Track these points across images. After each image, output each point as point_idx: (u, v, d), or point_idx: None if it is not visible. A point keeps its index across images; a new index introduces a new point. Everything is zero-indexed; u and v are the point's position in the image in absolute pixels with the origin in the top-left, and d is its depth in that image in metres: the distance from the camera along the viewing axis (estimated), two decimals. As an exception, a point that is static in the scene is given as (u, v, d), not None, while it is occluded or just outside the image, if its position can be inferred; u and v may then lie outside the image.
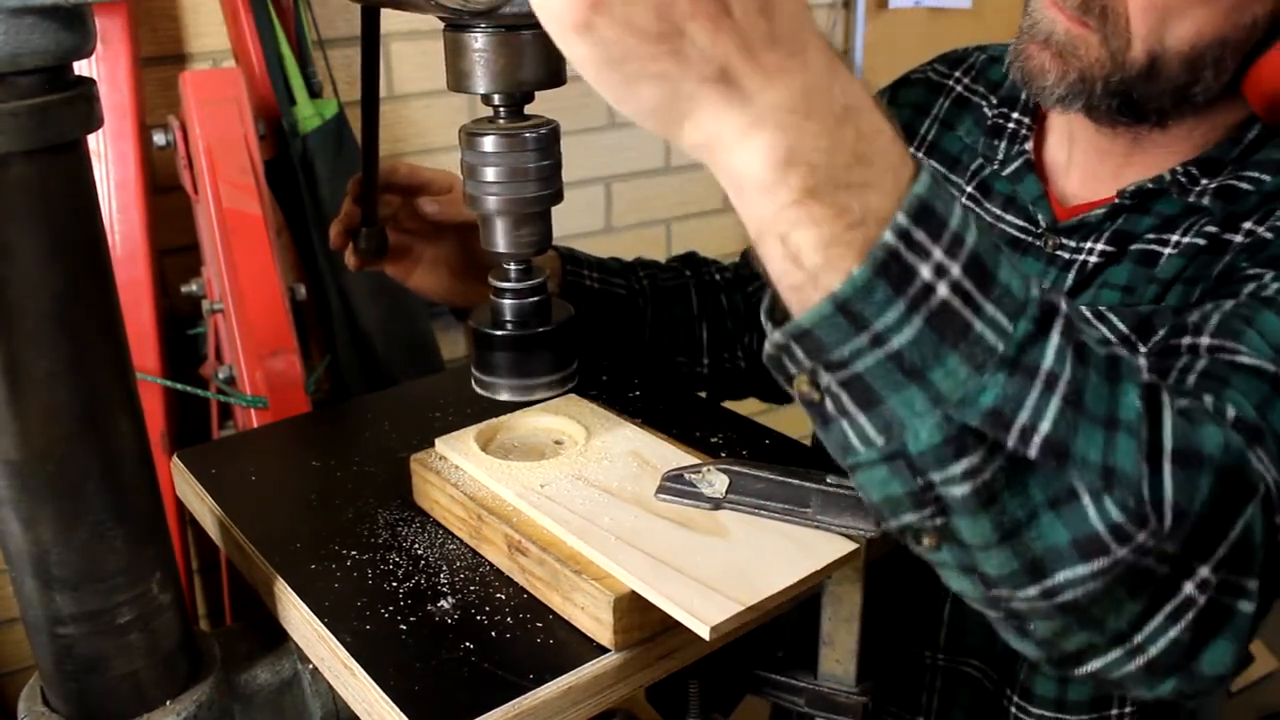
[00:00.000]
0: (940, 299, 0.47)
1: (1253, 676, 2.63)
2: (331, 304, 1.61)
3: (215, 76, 1.44)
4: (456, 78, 0.70)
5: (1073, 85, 0.82)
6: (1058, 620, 0.55)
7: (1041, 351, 0.49)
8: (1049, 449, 0.49)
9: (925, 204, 0.46)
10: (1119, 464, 0.51)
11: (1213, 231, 0.82)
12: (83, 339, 0.59)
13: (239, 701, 0.73)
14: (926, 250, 0.46)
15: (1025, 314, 0.49)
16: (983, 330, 0.48)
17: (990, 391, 0.48)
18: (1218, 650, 0.56)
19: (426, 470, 0.80)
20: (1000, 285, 0.48)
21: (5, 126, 0.52)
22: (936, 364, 0.47)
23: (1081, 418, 0.50)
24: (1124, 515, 0.51)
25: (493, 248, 0.76)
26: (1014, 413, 0.48)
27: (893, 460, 0.50)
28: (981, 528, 0.51)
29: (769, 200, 0.46)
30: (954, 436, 0.48)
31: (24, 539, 0.61)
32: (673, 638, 0.68)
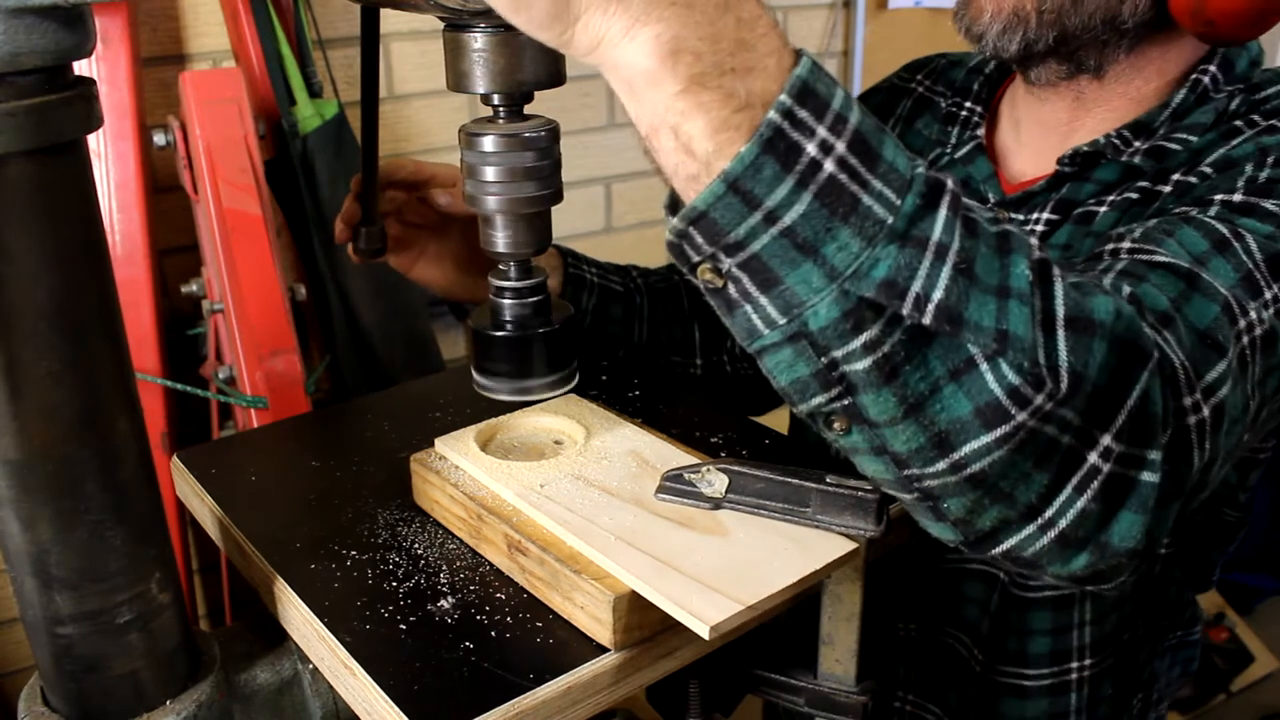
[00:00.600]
0: (828, 174, 0.49)
1: (1253, 677, 2.63)
2: (331, 304, 1.61)
3: (215, 76, 1.44)
4: (456, 78, 0.70)
5: (1009, 19, 0.86)
6: (969, 495, 0.56)
7: (931, 223, 0.51)
8: (943, 315, 0.51)
9: (807, 84, 0.48)
10: (1012, 328, 0.52)
11: (1144, 186, 0.86)
12: (83, 339, 0.59)
13: (239, 701, 0.73)
14: (810, 128, 0.48)
15: (912, 189, 0.50)
16: (871, 204, 0.49)
17: (883, 263, 0.50)
18: (1125, 522, 0.58)
19: (426, 470, 0.80)
20: (886, 162, 0.50)
21: (5, 126, 0.52)
22: (829, 238, 0.49)
23: (973, 286, 0.52)
24: (1020, 378, 0.52)
25: (492, 248, 0.76)
26: (907, 282, 0.50)
27: (795, 340, 0.51)
28: (886, 403, 0.53)
29: (658, 91, 0.48)
30: (851, 310, 0.50)
31: (24, 539, 0.61)
32: (673, 637, 0.68)
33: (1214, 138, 0.85)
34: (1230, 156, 0.81)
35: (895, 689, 1.06)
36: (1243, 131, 0.83)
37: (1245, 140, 0.82)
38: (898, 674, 1.05)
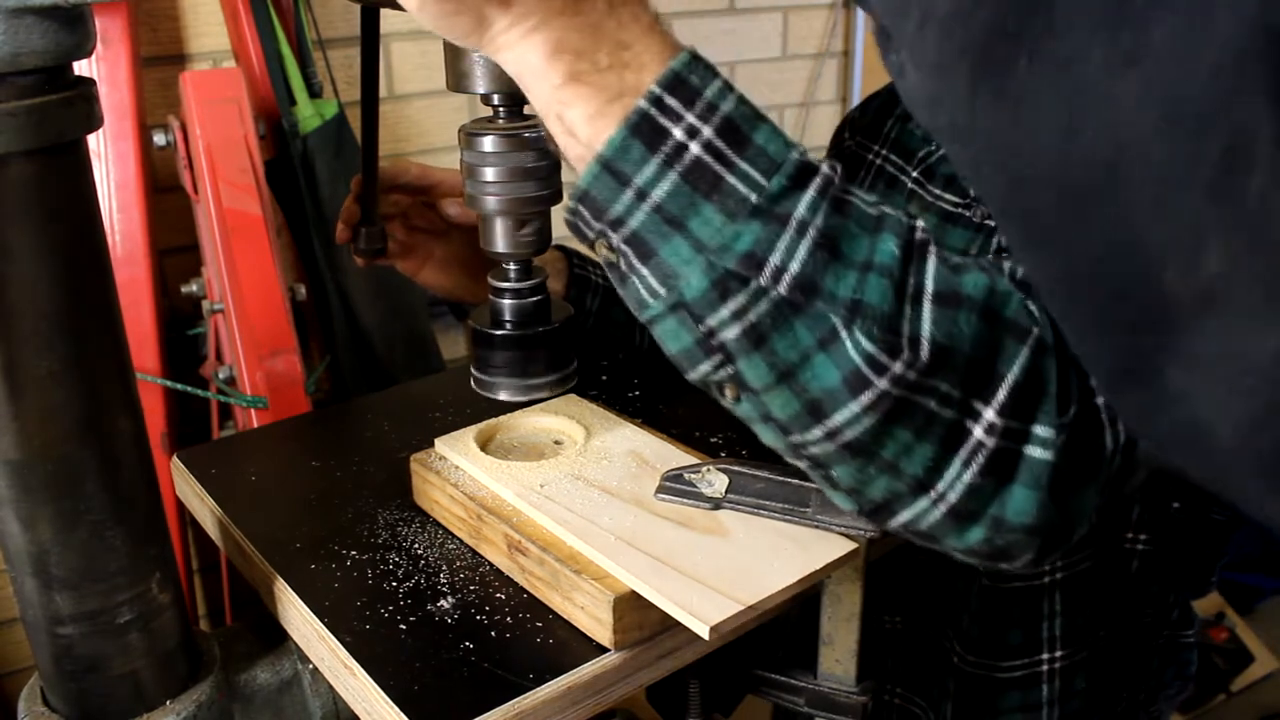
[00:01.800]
0: (693, 155, 0.54)
1: (1253, 677, 2.63)
2: (331, 304, 1.61)
3: (215, 76, 1.44)
4: (456, 78, 0.70)
5: None
6: (851, 463, 0.59)
7: (795, 202, 0.55)
8: (798, 286, 0.54)
9: (679, 75, 0.55)
10: (866, 298, 0.55)
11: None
12: (83, 339, 0.59)
13: (239, 701, 0.73)
14: (678, 114, 0.54)
15: (780, 171, 0.55)
16: (735, 183, 0.54)
17: (745, 237, 0.54)
18: (1019, 497, 0.59)
19: (426, 470, 0.80)
20: (755, 146, 0.55)
21: (5, 126, 0.52)
22: (694, 214, 0.54)
23: (834, 260, 0.55)
24: (874, 345, 0.55)
25: (492, 248, 0.76)
26: (765, 254, 0.54)
27: (675, 310, 0.56)
28: (759, 370, 0.56)
29: (544, 84, 0.56)
30: (718, 280, 0.54)
31: (24, 539, 0.61)
32: (673, 637, 0.68)
33: None
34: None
35: (884, 682, 1.07)
36: None
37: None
38: (886, 667, 1.06)
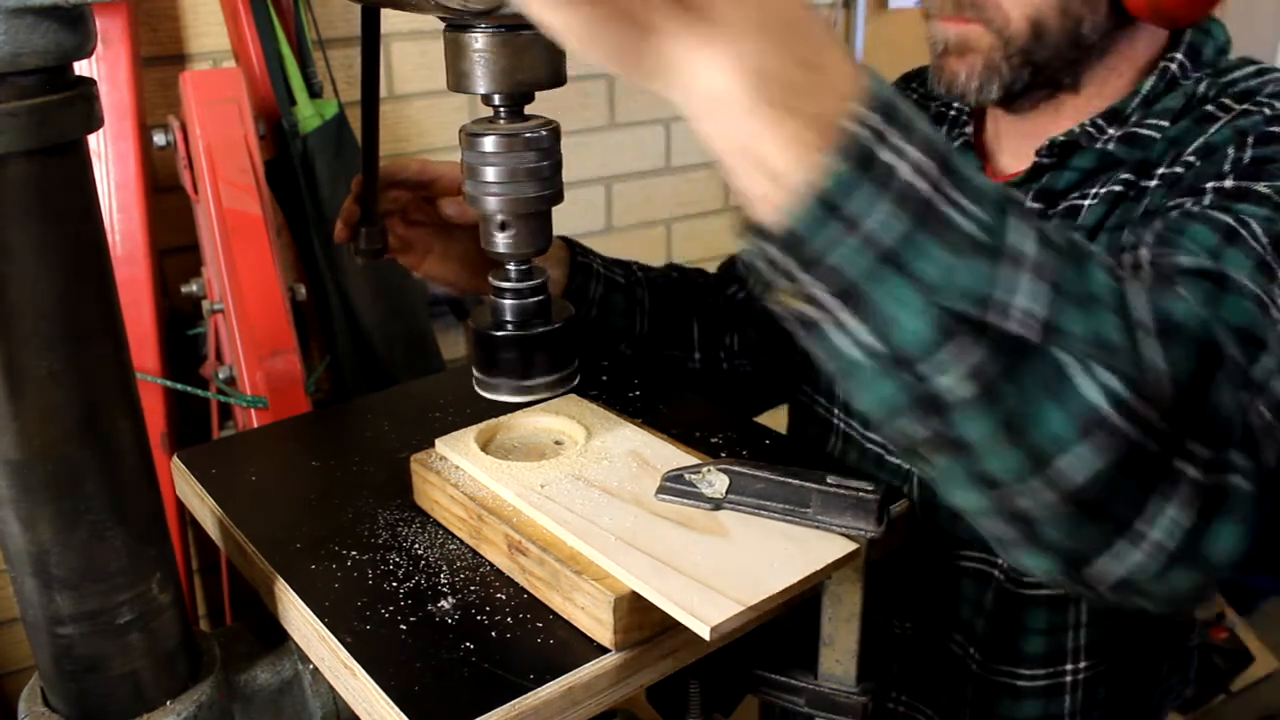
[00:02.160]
0: (905, 183, 0.48)
1: (1253, 676, 2.63)
2: (331, 304, 1.61)
3: (215, 76, 1.44)
4: (457, 78, 0.70)
5: (983, 74, 0.91)
6: (1065, 513, 0.54)
7: (1017, 236, 0.50)
8: (1033, 324, 0.50)
9: (879, 97, 0.48)
10: (1104, 334, 0.51)
11: (1128, 179, 0.88)
12: (83, 339, 0.59)
13: (239, 701, 0.73)
14: (899, 148, 0.48)
15: (991, 203, 0.50)
16: (958, 218, 0.48)
17: (971, 275, 0.48)
18: (1225, 533, 0.56)
19: (426, 470, 0.80)
20: (965, 177, 0.50)
21: (5, 126, 0.52)
22: (917, 253, 0.48)
23: (1060, 295, 0.50)
24: (1119, 381, 0.51)
25: (493, 248, 0.76)
26: (996, 293, 0.49)
27: (885, 360, 0.50)
28: (981, 421, 0.51)
29: (736, 112, 0.47)
30: (941, 323, 0.48)
31: (24, 539, 0.61)
32: (673, 638, 0.68)
33: (1188, 124, 0.87)
34: (1210, 143, 0.83)
35: (889, 689, 1.07)
36: (1216, 117, 0.85)
37: (1222, 125, 0.84)
38: (891, 673, 1.06)
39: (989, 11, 0.89)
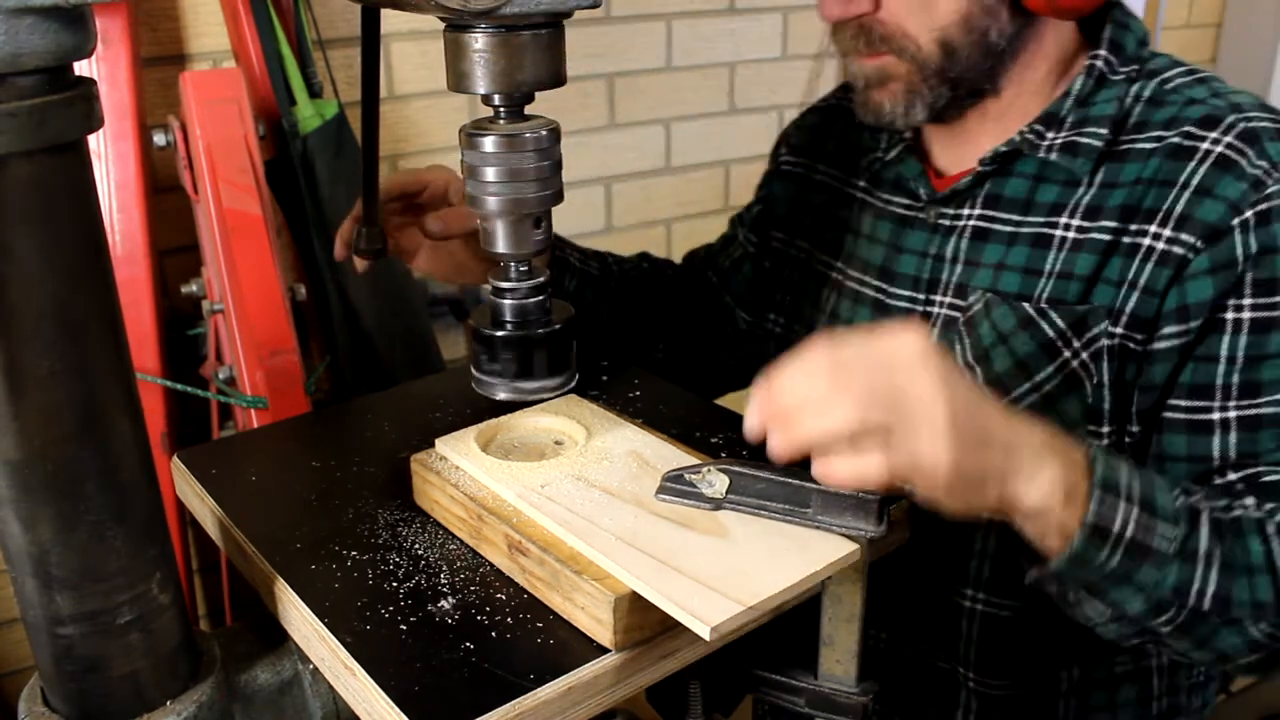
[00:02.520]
0: (1129, 538, 0.73)
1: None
2: (331, 304, 1.61)
3: (215, 76, 1.43)
4: (457, 78, 0.70)
5: (906, 99, 0.96)
6: (1244, 668, 0.82)
7: (1197, 541, 0.76)
8: (1215, 601, 0.76)
9: (1106, 479, 0.73)
10: (1260, 597, 0.76)
11: (1114, 228, 0.91)
12: (83, 339, 0.59)
13: (239, 701, 0.73)
14: (1115, 508, 0.73)
15: (1181, 520, 0.75)
16: (1160, 544, 0.74)
17: (1170, 577, 0.75)
18: None
19: (426, 470, 0.80)
20: (1160, 509, 0.75)
21: (5, 126, 0.52)
22: (1135, 572, 0.74)
23: (1231, 575, 0.76)
24: (1272, 628, 0.77)
25: (493, 249, 0.76)
26: (1188, 586, 0.75)
27: (1118, 621, 0.79)
28: (1182, 645, 0.79)
29: (1053, 511, 0.72)
30: (1153, 606, 0.76)
31: (24, 539, 0.61)
32: (673, 638, 0.68)
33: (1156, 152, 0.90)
34: (1206, 221, 0.86)
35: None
36: (1187, 154, 0.88)
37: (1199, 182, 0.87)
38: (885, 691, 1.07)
39: (899, 41, 0.93)
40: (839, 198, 1.15)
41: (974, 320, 0.96)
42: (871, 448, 0.64)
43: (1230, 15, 2.91)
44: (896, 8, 0.92)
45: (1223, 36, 2.94)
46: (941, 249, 1.01)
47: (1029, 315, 0.92)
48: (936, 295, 1.00)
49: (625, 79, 2.01)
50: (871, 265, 1.07)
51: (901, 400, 0.64)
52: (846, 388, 0.64)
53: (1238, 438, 0.85)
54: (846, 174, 1.15)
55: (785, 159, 1.24)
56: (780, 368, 0.66)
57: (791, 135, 1.25)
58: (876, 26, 0.94)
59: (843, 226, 1.13)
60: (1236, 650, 0.78)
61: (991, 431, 0.68)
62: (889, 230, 1.06)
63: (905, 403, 0.64)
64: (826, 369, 0.64)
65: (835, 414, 0.64)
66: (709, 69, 2.10)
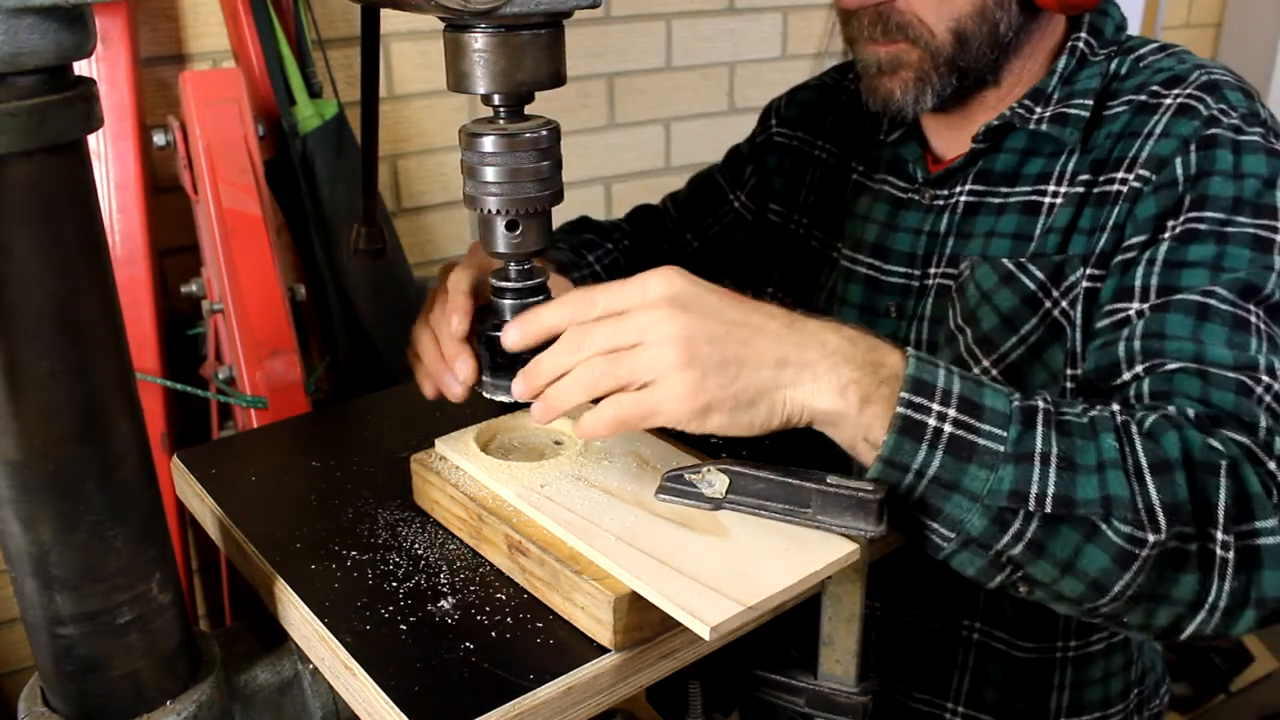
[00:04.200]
0: (948, 434, 0.70)
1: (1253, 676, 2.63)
2: (331, 304, 1.61)
3: (215, 76, 1.43)
4: (457, 78, 0.70)
5: (916, 87, 0.98)
6: (1138, 609, 0.74)
7: (1032, 440, 0.71)
8: (1059, 503, 0.70)
9: (916, 379, 0.71)
10: (1113, 492, 0.70)
11: (1087, 180, 0.95)
12: (83, 339, 0.59)
13: (239, 701, 0.73)
14: (926, 408, 0.70)
15: (1012, 420, 0.71)
16: (985, 443, 0.70)
17: (1006, 480, 0.70)
18: (1269, 579, 0.72)
19: (426, 470, 0.80)
20: (988, 409, 0.71)
21: (5, 126, 0.52)
22: (962, 475, 0.70)
23: (1076, 473, 0.70)
24: (1129, 527, 0.70)
25: (493, 249, 0.76)
26: (1025, 488, 0.70)
27: (966, 545, 0.72)
28: (1045, 569, 0.72)
29: (848, 413, 0.71)
30: (995, 517, 0.70)
31: (24, 539, 0.61)
32: (673, 638, 0.68)
33: (1124, 111, 0.95)
34: (1159, 155, 0.90)
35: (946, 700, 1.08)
36: (1153, 106, 0.93)
37: (1163, 125, 0.92)
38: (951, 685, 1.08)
39: (915, 30, 0.95)
40: (837, 176, 1.17)
41: (963, 285, 0.99)
42: (608, 403, 0.69)
43: (1230, 15, 2.91)
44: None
45: (1223, 36, 2.94)
46: (935, 226, 1.04)
47: (1009, 270, 0.96)
48: (930, 268, 1.04)
49: (625, 79, 2.01)
50: (865, 243, 1.10)
51: (630, 356, 0.68)
52: (580, 348, 0.69)
53: (1145, 325, 0.86)
54: (845, 153, 1.17)
55: (779, 131, 1.25)
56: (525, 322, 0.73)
57: (783, 108, 1.27)
58: (894, 14, 0.96)
59: (839, 204, 1.15)
60: (1105, 571, 0.71)
61: (748, 354, 0.69)
62: (885, 211, 1.09)
63: (634, 357, 0.68)
64: (565, 338, 0.70)
65: (567, 385, 0.70)
66: (709, 69, 2.10)
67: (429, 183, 1.85)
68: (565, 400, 0.70)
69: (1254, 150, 0.88)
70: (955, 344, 0.99)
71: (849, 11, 0.99)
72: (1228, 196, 0.87)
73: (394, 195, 1.83)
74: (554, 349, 0.71)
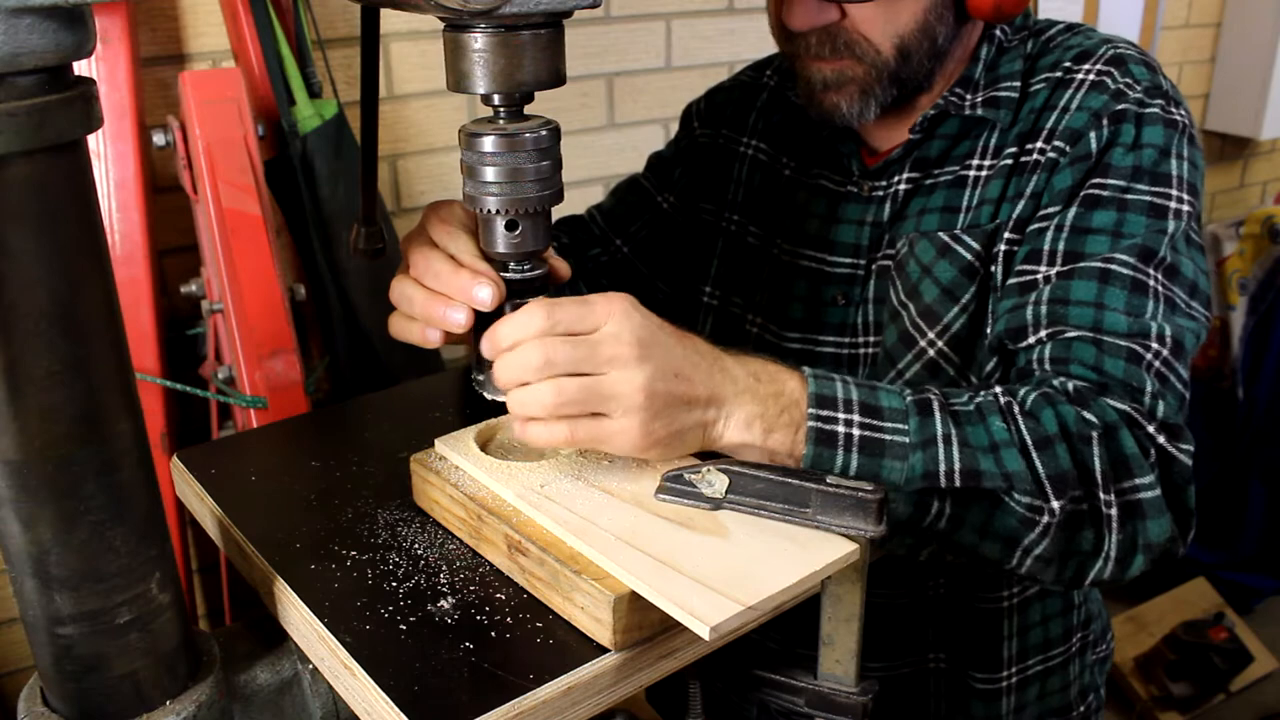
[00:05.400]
0: (858, 437, 0.80)
1: (1252, 676, 2.63)
2: (331, 304, 1.61)
3: (215, 76, 1.43)
4: (456, 78, 0.70)
5: (863, 100, 1.01)
6: (1050, 565, 0.85)
7: (932, 426, 0.81)
8: (965, 476, 0.80)
9: (819, 395, 0.80)
10: (1010, 468, 0.81)
11: (1013, 152, 1.00)
12: (83, 339, 0.59)
13: (239, 701, 0.73)
14: (834, 418, 0.80)
15: (910, 414, 0.81)
16: (891, 438, 0.80)
17: (917, 466, 0.80)
18: (1152, 527, 0.83)
19: (426, 470, 0.80)
20: (886, 409, 0.81)
21: (5, 126, 0.52)
22: (879, 469, 0.80)
23: (975, 451, 0.81)
24: (1028, 497, 0.81)
25: (492, 248, 0.76)
26: (935, 467, 0.80)
27: (896, 531, 0.82)
28: (967, 536, 0.83)
29: (755, 448, 0.80)
30: (917, 502, 0.81)
31: (24, 539, 0.61)
32: (673, 638, 0.68)
33: (1043, 88, 1.01)
34: (1072, 128, 0.97)
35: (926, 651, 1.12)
36: (1067, 82, 0.99)
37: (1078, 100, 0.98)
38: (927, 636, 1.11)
39: (861, 47, 0.99)
40: (768, 173, 1.19)
41: (902, 262, 1.03)
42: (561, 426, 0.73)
43: (1230, 15, 2.91)
44: (862, 17, 0.97)
45: (1222, 36, 2.94)
46: (879, 215, 1.07)
47: (945, 243, 1.00)
48: (875, 254, 1.07)
49: (625, 79, 2.01)
50: (807, 236, 1.12)
51: (596, 387, 0.72)
52: (545, 364, 0.71)
53: (1051, 290, 0.92)
54: (775, 150, 1.19)
55: (702, 131, 1.26)
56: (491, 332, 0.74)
57: (703, 109, 1.28)
58: (841, 34, 0.98)
59: (775, 200, 1.17)
60: (1016, 531, 0.82)
61: (688, 394, 0.76)
62: (824, 205, 1.12)
63: (600, 388, 0.72)
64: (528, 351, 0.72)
65: (531, 398, 0.72)
66: (709, 69, 2.10)
67: (429, 183, 1.85)
68: (527, 409, 0.73)
69: (1153, 122, 0.95)
70: (900, 320, 1.03)
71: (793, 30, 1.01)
72: (1128, 166, 0.94)
73: (394, 195, 1.83)
74: (510, 358, 0.73)
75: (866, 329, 1.07)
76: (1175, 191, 0.94)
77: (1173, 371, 0.89)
